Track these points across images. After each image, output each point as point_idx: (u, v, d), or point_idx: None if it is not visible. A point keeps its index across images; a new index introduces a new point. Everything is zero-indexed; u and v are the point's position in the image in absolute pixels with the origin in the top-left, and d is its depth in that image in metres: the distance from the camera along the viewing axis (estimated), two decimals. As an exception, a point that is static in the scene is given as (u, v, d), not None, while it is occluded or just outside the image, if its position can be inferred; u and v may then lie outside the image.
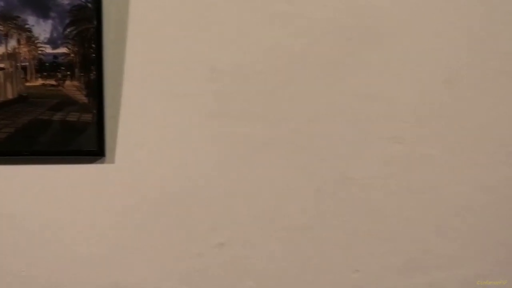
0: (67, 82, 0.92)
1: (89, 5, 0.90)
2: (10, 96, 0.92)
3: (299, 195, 0.99)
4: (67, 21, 0.90)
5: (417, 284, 1.02)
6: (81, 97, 0.92)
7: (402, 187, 1.00)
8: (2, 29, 0.89)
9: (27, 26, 0.90)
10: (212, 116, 0.96)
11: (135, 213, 0.97)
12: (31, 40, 0.90)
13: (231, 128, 0.97)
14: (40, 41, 0.90)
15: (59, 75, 0.91)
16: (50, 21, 0.90)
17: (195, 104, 0.96)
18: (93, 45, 0.91)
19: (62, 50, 0.91)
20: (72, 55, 0.91)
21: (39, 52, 0.91)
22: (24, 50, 0.91)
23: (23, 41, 0.90)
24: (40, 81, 0.92)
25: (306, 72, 0.97)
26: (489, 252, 1.02)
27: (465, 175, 1.01)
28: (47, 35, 0.90)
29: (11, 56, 0.91)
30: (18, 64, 0.91)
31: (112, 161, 0.95)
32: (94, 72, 0.91)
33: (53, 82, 0.92)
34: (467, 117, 1.00)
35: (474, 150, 1.01)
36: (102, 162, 0.95)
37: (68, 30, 0.91)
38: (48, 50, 0.91)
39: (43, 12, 0.90)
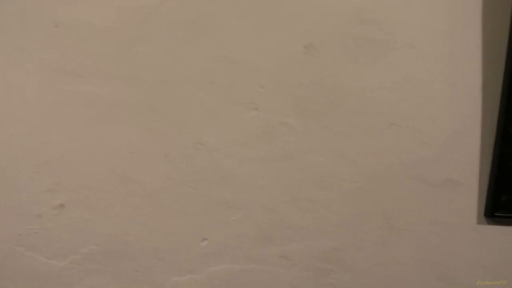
0: None
1: None
2: None
3: (148, 159, 0.96)
4: None
5: (268, 254, 0.99)
6: None
7: (256, 154, 0.97)
8: None
9: None
10: (58, 73, 0.92)
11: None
12: None
13: (77, 86, 0.93)
14: None
15: None
16: None
17: (39, 60, 0.92)
18: None
19: None
20: None
21: None
22: None
23: None
24: None
25: (159, 31, 0.94)
26: (345, 226, 0.99)
27: (323, 144, 0.98)
28: None
29: None
30: None
31: None
32: None
33: None
34: (327, 84, 0.97)
35: (333, 119, 0.97)
36: None
37: None
38: None
39: None
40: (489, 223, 1.00)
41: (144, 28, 0.93)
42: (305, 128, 0.97)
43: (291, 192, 0.98)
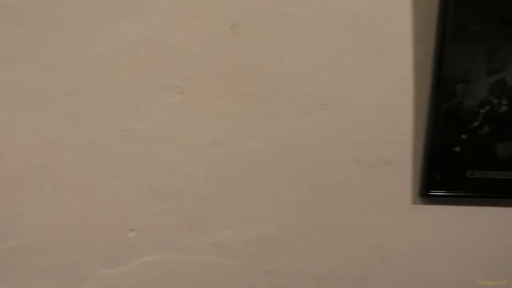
0: None
1: None
2: None
3: (70, 148, 0.91)
4: None
5: (200, 243, 0.96)
6: None
7: (184, 140, 0.94)
8: None
9: None
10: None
11: None
12: None
13: (-11, 73, 0.88)
14: None
15: None
16: None
17: None
18: None
19: None
20: None
21: None
22: None
23: None
24: None
25: (78, 15, 0.89)
26: (279, 211, 0.97)
27: (254, 128, 0.95)
28: None
29: None
30: None
31: None
32: None
33: None
34: (255, 65, 0.93)
35: (263, 102, 0.94)
36: None
37: None
38: None
39: None
40: (424, 203, 0.99)
41: (61, 13, 0.88)
42: (234, 111, 0.94)
43: (222, 178, 0.95)
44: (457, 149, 0.98)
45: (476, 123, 0.97)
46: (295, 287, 1.00)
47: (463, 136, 0.97)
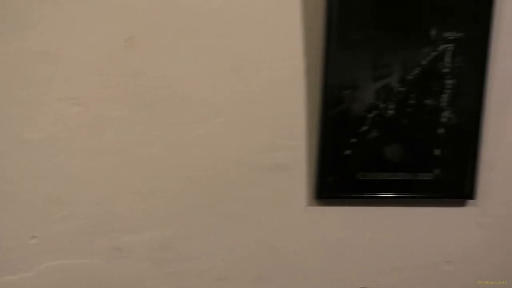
0: None
1: None
2: None
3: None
4: None
5: (101, 248, 1.00)
6: None
7: (84, 149, 0.97)
8: None
9: None
10: None
11: None
12: None
13: None
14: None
15: None
16: None
17: None
18: None
19: None
20: None
21: None
22: None
23: None
24: None
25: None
26: (179, 215, 1.01)
27: (152, 136, 0.98)
28: None
29: None
30: None
31: None
32: None
33: None
34: (151, 76, 0.97)
35: (160, 110, 0.98)
36: None
37: None
38: None
39: None
40: (318, 204, 1.04)
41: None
42: (133, 120, 0.98)
43: (123, 185, 0.99)
44: (348, 152, 1.03)
45: (364, 127, 1.02)
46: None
47: (353, 140, 1.02)
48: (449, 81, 1.02)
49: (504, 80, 1.04)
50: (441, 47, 1.00)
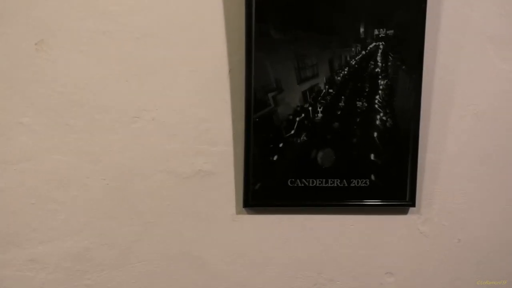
0: None
1: None
2: None
3: None
4: None
5: (14, 259, 0.96)
6: None
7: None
8: None
9: None
10: None
11: None
12: None
13: None
14: None
15: None
16: None
17: None
18: None
19: None
20: None
21: None
22: None
23: None
24: None
25: None
26: (94, 225, 0.97)
27: (64, 143, 0.94)
28: None
29: None
30: None
31: None
32: None
33: None
34: (62, 81, 0.92)
35: (72, 116, 0.94)
36: None
37: None
38: None
39: None
40: (247, 213, 0.99)
41: None
42: (43, 127, 0.93)
43: (34, 194, 0.94)
44: (275, 158, 0.97)
45: (292, 131, 0.96)
46: (117, 299, 0.99)
47: (280, 145, 0.96)
48: (382, 81, 0.95)
49: (441, 79, 0.97)
50: (372, 45, 0.94)
